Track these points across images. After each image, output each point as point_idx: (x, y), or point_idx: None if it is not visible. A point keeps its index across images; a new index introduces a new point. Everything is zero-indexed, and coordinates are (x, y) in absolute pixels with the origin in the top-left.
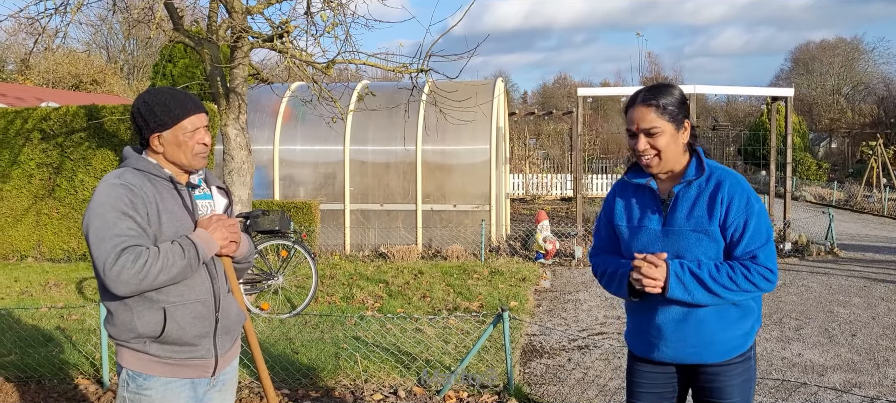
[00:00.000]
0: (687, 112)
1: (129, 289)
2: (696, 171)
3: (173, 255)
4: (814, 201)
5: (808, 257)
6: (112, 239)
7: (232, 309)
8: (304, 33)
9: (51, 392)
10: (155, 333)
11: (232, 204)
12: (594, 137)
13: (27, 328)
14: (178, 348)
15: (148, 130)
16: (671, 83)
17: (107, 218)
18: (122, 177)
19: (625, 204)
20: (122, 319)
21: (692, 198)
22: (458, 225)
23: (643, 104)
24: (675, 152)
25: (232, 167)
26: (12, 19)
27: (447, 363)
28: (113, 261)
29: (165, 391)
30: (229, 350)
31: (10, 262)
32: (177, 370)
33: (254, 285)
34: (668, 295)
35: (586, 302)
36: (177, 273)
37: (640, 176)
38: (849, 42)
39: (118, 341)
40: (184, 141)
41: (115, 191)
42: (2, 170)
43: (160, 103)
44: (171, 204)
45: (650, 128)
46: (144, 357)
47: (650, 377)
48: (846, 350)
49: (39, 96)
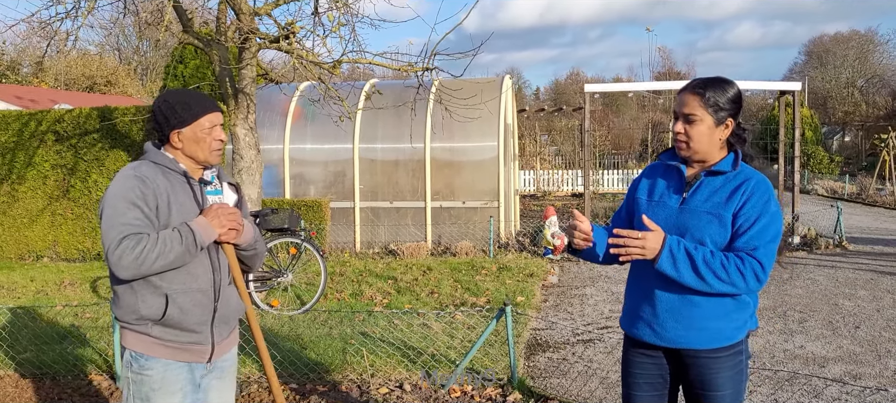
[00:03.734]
0: (735, 111)
1: (129, 273)
2: (730, 166)
3: (171, 241)
4: (826, 195)
5: (817, 250)
6: (118, 227)
7: (232, 300)
8: (310, 34)
9: (65, 387)
10: (157, 316)
11: (242, 200)
12: (606, 133)
13: (43, 325)
14: (179, 332)
15: (169, 127)
16: (729, 80)
17: (117, 207)
18: (137, 169)
19: (651, 182)
20: (127, 301)
21: (716, 186)
22: (467, 221)
23: (690, 91)
24: (709, 144)
25: (241, 166)
26: (25, 23)
27: (452, 357)
28: (115, 247)
29: (165, 371)
30: (226, 338)
31: (26, 262)
32: (176, 353)
33: (264, 282)
34: (657, 266)
35: (593, 296)
36: (174, 258)
37: (674, 159)
38: (863, 34)
39: (122, 322)
40: (202, 137)
41: (128, 182)
42: (17, 172)
43: (181, 102)
44: (182, 197)
45: (689, 115)
46: (146, 339)
47: (644, 367)
48: (849, 341)
49: (53, 98)
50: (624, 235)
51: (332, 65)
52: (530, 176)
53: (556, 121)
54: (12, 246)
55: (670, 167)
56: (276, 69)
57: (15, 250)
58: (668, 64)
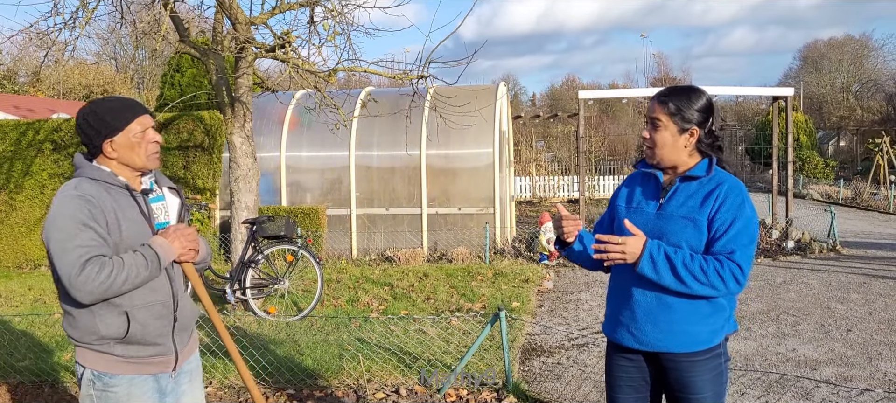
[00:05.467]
0: (701, 120)
1: (93, 298)
2: (704, 171)
3: (137, 266)
4: (821, 199)
5: (810, 255)
6: (75, 250)
7: (187, 308)
8: (306, 42)
9: (64, 394)
10: (119, 335)
11: (184, 203)
12: (601, 139)
13: (41, 334)
14: (142, 347)
15: (100, 137)
16: (698, 90)
17: (68, 229)
18: (78, 187)
19: (629, 190)
20: (84, 322)
21: (691, 191)
22: (462, 228)
23: (657, 99)
24: (673, 149)
25: (238, 174)
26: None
27: (448, 362)
28: (78, 272)
29: (130, 387)
30: (187, 345)
31: (23, 271)
32: (140, 367)
33: (261, 289)
34: (638, 269)
35: (587, 301)
36: (141, 282)
37: (650, 166)
38: (857, 39)
39: (79, 343)
40: (136, 143)
41: (73, 202)
42: (15, 181)
43: (108, 110)
44: (129, 213)
45: (655, 120)
46: (108, 358)
47: (626, 370)
48: (840, 345)
49: (51, 108)
50: (605, 240)
51: (328, 73)
52: (526, 182)
53: (552, 127)
54: (10, 255)
55: (647, 174)
56: (273, 77)
57: (13, 259)
58: (664, 69)
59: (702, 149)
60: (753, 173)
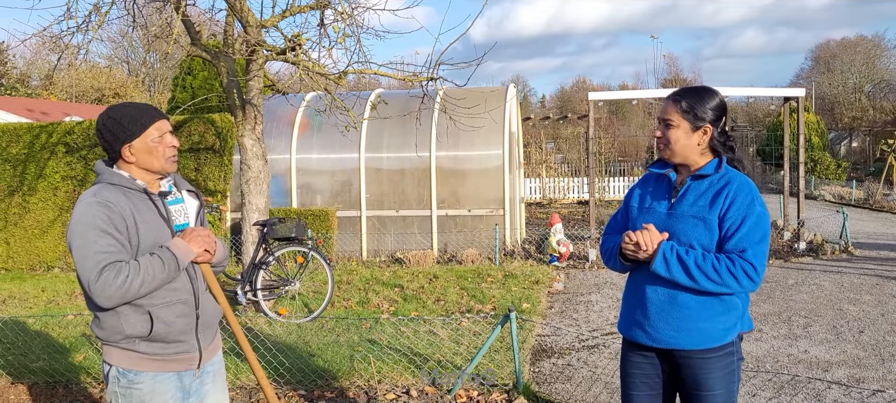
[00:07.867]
0: (714, 119)
1: (112, 303)
2: (713, 170)
3: (154, 268)
4: (833, 200)
5: (823, 256)
6: (93, 256)
7: (209, 306)
8: (316, 45)
9: (78, 395)
10: (143, 333)
11: (203, 205)
12: (611, 140)
13: (55, 335)
14: (166, 344)
15: (119, 142)
16: (712, 90)
17: (87, 236)
18: (98, 194)
19: (642, 191)
20: (110, 323)
21: (701, 190)
22: (472, 229)
23: (670, 98)
24: (687, 148)
25: (249, 177)
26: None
27: (458, 363)
28: (96, 278)
29: (155, 383)
30: (211, 343)
31: (37, 273)
32: (165, 364)
33: (272, 291)
34: (652, 268)
35: (598, 303)
36: (158, 284)
37: (662, 167)
38: (870, 39)
39: (106, 341)
40: (154, 147)
41: (92, 209)
42: (28, 184)
43: (126, 115)
44: (147, 216)
45: (667, 120)
46: (133, 355)
47: (640, 367)
48: (853, 346)
49: (64, 111)
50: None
51: (338, 75)
52: (536, 183)
53: (562, 128)
54: (24, 256)
55: (660, 175)
56: (283, 80)
57: (26, 261)
58: (674, 70)
59: (715, 148)
60: (765, 174)
